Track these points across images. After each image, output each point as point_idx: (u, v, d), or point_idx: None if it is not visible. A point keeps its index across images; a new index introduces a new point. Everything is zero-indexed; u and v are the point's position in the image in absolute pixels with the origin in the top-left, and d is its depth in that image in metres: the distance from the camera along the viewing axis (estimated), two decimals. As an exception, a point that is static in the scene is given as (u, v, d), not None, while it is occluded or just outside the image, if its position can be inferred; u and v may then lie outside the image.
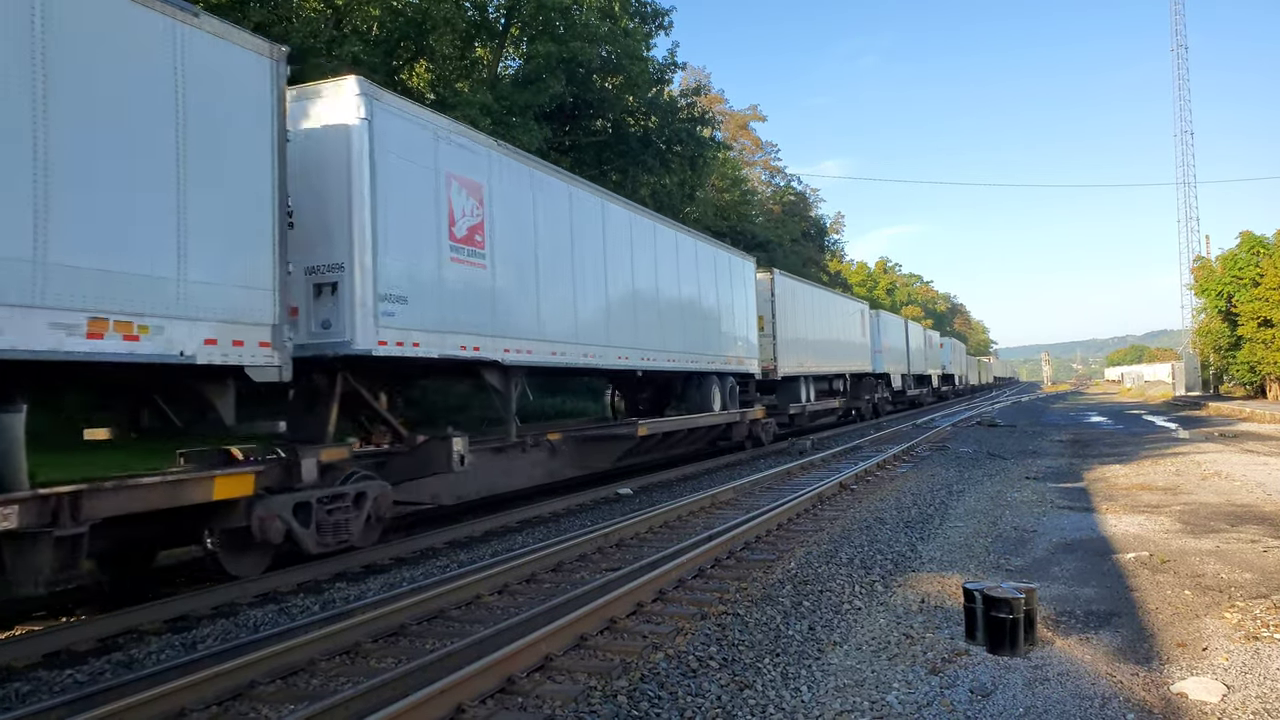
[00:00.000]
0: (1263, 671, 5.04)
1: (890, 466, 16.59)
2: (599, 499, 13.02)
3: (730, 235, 37.30)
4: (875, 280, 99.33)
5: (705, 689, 4.94)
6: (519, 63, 26.38)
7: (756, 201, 54.86)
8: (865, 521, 10.37)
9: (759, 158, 61.75)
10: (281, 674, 5.26)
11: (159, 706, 4.59)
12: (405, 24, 21.64)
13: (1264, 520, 9.93)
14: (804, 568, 7.96)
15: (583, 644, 5.72)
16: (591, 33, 23.65)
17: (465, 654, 5.32)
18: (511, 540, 9.87)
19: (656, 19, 27.31)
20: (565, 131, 26.08)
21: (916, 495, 12.53)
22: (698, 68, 60.00)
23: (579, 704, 4.70)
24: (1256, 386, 43.81)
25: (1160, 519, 10.15)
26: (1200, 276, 48.81)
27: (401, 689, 4.68)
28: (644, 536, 9.77)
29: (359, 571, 8.41)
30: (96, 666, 5.66)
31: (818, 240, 65.61)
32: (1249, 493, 12.08)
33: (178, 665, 5.36)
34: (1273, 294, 38.82)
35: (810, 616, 6.42)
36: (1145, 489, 12.87)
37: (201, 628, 6.54)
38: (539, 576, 7.84)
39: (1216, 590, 6.88)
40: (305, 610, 6.97)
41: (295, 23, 19.03)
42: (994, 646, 5.46)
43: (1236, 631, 5.80)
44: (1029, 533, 9.58)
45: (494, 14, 25.23)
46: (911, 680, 5.06)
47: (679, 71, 29.55)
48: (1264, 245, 41.56)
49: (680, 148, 28.02)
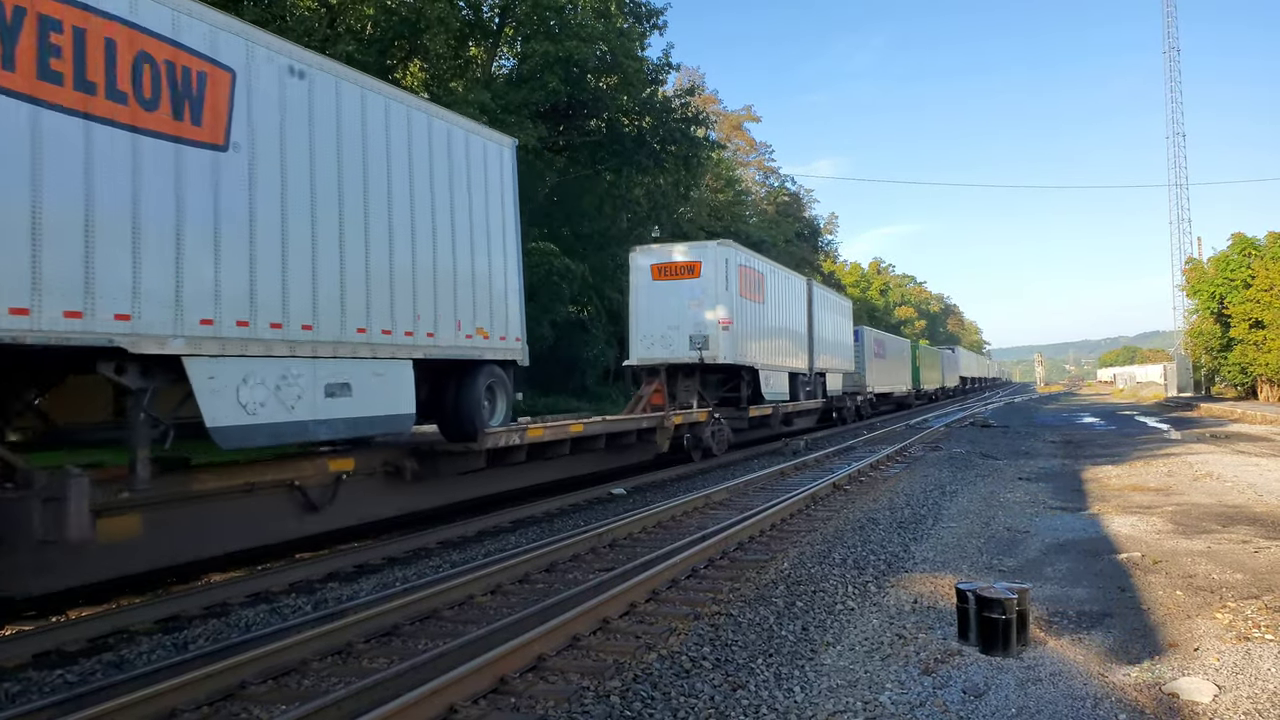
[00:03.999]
0: (1254, 672, 5.06)
1: (884, 467, 16.62)
2: (592, 499, 13.01)
3: (727, 236, 37.31)
4: (869, 281, 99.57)
5: (698, 689, 4.93)
6: (513, 62, 26.38)
7: (750, 202, 54.99)
8: (858, 522, 10.38)
9: (753, 158, 61.88)
10: (273, 674, 5.23)
11: (150, 707, 4.57)
12: (399, 23, 21.62)
13: (1255, 521, 9.97)
14: (797, 568, 7.96)
15: (576, 644, 5.71)
16: (587, 32, 23.66)
17: (458, 654, 5.31)
18: (505, 540, 9.84)
19: (650, 19, 27.34)
20: (559, 131, 26.07)
21: (909, 496, 12.55)
22: (692, 68, 59.98)
23: (572, 704, 4.69)
24: (1248, 387, 44.04)
25: (1152, 520, 10.18)
26: (1192, 278, 49.09)
27: (394, 689, 4.67)
28: (637, 537, 9.75)
29: (351, 571, 8.38)
30: (87, 667, 5.63)
31: (811, 241, 65.73)
32: (1240, 493, 12.12)
33: (169, 665, 5.33)
34: (1264, 295, 39.03)
35: (804, 617, 6.42)
36: (1137, 490, 12.91)
37: (193, 628, 6.51)
38: (532, 577, 7.83)
39: (1208, 591, 6.90)
40: (297, 610, 6.94)
41: (289, 21, 18.99)
42: (987, 647, 5.47)
43: (1228, 632, 5.82)
44: (1021, 533, 9.60)
45: (488, 14, 25.22)
46: (904, 680, 5.06)
47: (673, 72, 29.61)
48: (1255, 247, 41.80)
49: (674, 148, 28.06)
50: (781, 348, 22.11)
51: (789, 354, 22.75)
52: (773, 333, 21.34)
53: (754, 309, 19.70)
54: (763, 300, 20.47)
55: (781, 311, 22.19)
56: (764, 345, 20.48)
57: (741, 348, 18.79)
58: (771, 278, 21.59)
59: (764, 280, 20.81)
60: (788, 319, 22.77)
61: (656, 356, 18.35)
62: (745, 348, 19.06)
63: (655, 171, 28.98)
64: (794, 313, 23.38)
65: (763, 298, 20.54)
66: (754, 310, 19.70)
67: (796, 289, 24.00)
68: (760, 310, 20.26)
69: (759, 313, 20.15)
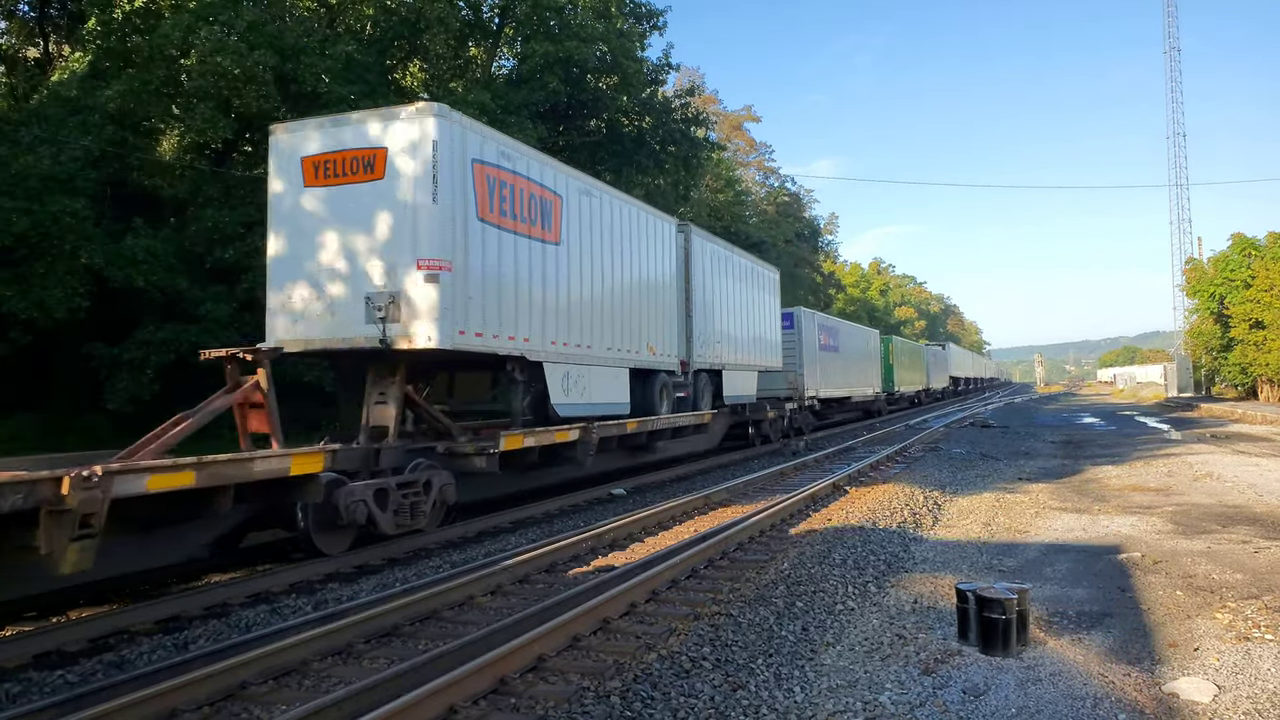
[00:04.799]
0: (1254, 672, 5.06)
1: (884, 467, 16.62)
2: (592, 499, 13.01)
3: (725, 236, 37.29)
4: (869, 281, 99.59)
5: (698, 689, 4.94)
6: (513, 62, 26.38)
7: (750, 202, 54.96)
8: (858, 521, 10.37)
9: (753, 158, 61.87)
10: (274, 674, 5.23)
11: (150, 707, 4.57)
12: (399, 23, 21.63)
13: (1255, 521, 9.97)
14: (797, 568, 7.96)
15: (576, 644, 5.71)
16: (586, 32, 23.66)
17: (458, 655, 5.31)
18: (505, 540, 9.85)
19: (650, 19, 27.34)
20: (559, 131, 26.08)
21: (910, 495, 12.54)
22: (691, 68, 60.09)
23: (572, 705, 4.69)
24: (1248, 388, 44.05)
25: (1152, 520, 10.18)
26: (1192, 278, 49.08)
27: (394, 690, 4.67)
28: (637, 536, 9.76)
29: (351, 572, 8.38)
30: (88, 667, 5.63)
31: (811, 241, 65.72)
32: (1240, 494, 12.13)
33: (169, 666, 5.33)
34: (1264, 295, 39.05)
35: (803, 617, 6.43)
36: (1137, 490, 12.91)
37: (193, 628, 6.51)
38: (532, 577, 7.84)
39: (1208, 591, 6.90)
40: (297, 610, 6.94)
41: (289, 21, 18.98)
42: (986, 647, 5.47)
43: (1228, 632, 5.82)
44: (1021, 533, 9.61)
45: (488, 14, 25.22)
46: (904, 680, 5.06)
47: (673, 72, 29.61)
48: (1255, 247, 41.81)
49: (674, 148, 28.05)
50: (606, 324, 13.26)
51: (628, 336, 14.00)
52: (584, 298, 12.62)
53: (527, 249, 11.19)
54: (556, 237, 11.85)
55: (605, 261, 13.31)
56: (559, 318, 11.91)
57: (490, 318, 10.36)
58: (577, 201, 12.44)
59: (558, 205, 11.92)
60: (622, 274, 13.86)
61: (306, 336, 10.00)
62: (503, 318, 10.63)
63: (655, 172, 28.97)
64: (640, 266, 14.55)
65: (555, 232, 11.83)
66: (528, 252, 11.20)
67: (645, 228, 14.75)
68: (550, 254, 11.71)
69: (543, 258, 11.55)
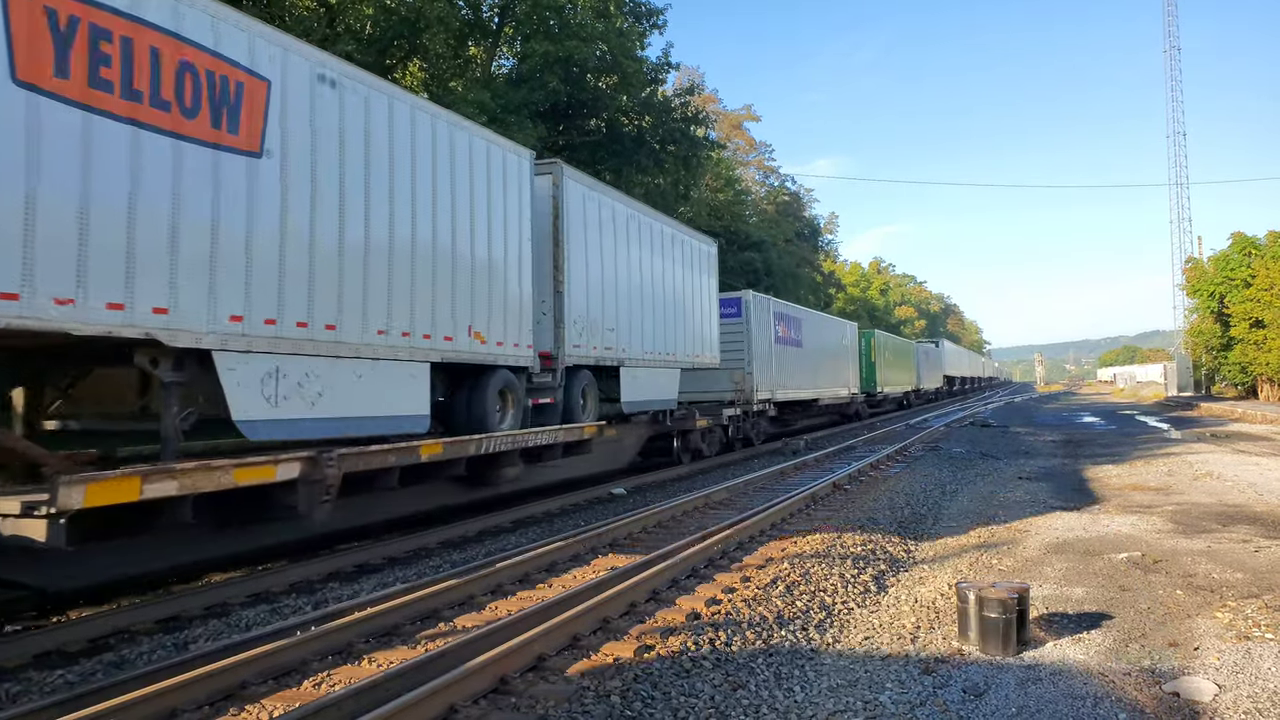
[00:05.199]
0: (1254, 671, 5.06)
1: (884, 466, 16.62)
2: (592, 499, 13.01)
3: (724, 235, 37.30)
4: (869, 280, 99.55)
5: (699, 689, 4.93)
6: (513, 62, 26.37)
7: (750, 202, 54.90)
8: (859, 521, 10.38)
9: (753, 158, 61.79)
10: (274, 674, 5.23)
11: (150, 707, 4.56)
12: (398, 23, 21.59)
13: (1255, 520, 9.97)
14: (797, 567, 7.95)
15: (576, 644, 5.71)
16: (586, 32, 23.65)
17: (459, 654, 5.30)
18: (505, 540, 9.84)
19: (650, 18, 27.32)
20: (559, 131, 26.06)
21: (910, 495, 12.55)
22: (691, 67, 59.93)
23: (572, 704, 4.69)
24: (1248, 387, 44.04)
25: (1152, 519, 10.18)
26: (1192, 277, 49.08)
27: (394, 689, 4.67)
28: (637, 536, 9.75)
29: (352, 571, 8.38)
30: (87, 667, 5.62)
31: (811, 240, 65.66)
32: (1240, 493, 12.12)
33: (169, 665, 5.32)
34: (1264, 295, 39.03)
35: (804, 616, 6.42)
36: (1137, 489, 12.91)
37: (193, 627, 6.51)
38: (532, 577, 7.83)
39: (1208, 590, 6.90)
40: (297, 610, 6.94)
41: (288, 21, 18.98)
42: (986, 646, 5.47)
43: (1228, 631, 5.82)
44: (1021, 533, 9.60)
45: (488, 13, 25.21)
46: (904, 680, 5.06)
47: (673, 71, 29.58)
48: (1255, 246, 41.79)
49: (674, 147, 28.03)
50: (378, 293, 8.53)
51: (426, 313, 9.24)
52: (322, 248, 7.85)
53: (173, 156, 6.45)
54: (254, 144, 7.16)
55: (376, 195, 8.53)
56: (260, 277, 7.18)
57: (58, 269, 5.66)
58: (308, 93, 7.71)
59: (262, 93, 7.22)
60: (418, 220, 9.13)
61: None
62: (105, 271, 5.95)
63: (655, 171, 28.94)
64: (457, 212, 9.77)
65: (251, 137, 7.12)
66: (173, 159, 6.44)
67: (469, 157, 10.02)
68: (237, 171, 6.99)
69: (216, 175, 6.81)
